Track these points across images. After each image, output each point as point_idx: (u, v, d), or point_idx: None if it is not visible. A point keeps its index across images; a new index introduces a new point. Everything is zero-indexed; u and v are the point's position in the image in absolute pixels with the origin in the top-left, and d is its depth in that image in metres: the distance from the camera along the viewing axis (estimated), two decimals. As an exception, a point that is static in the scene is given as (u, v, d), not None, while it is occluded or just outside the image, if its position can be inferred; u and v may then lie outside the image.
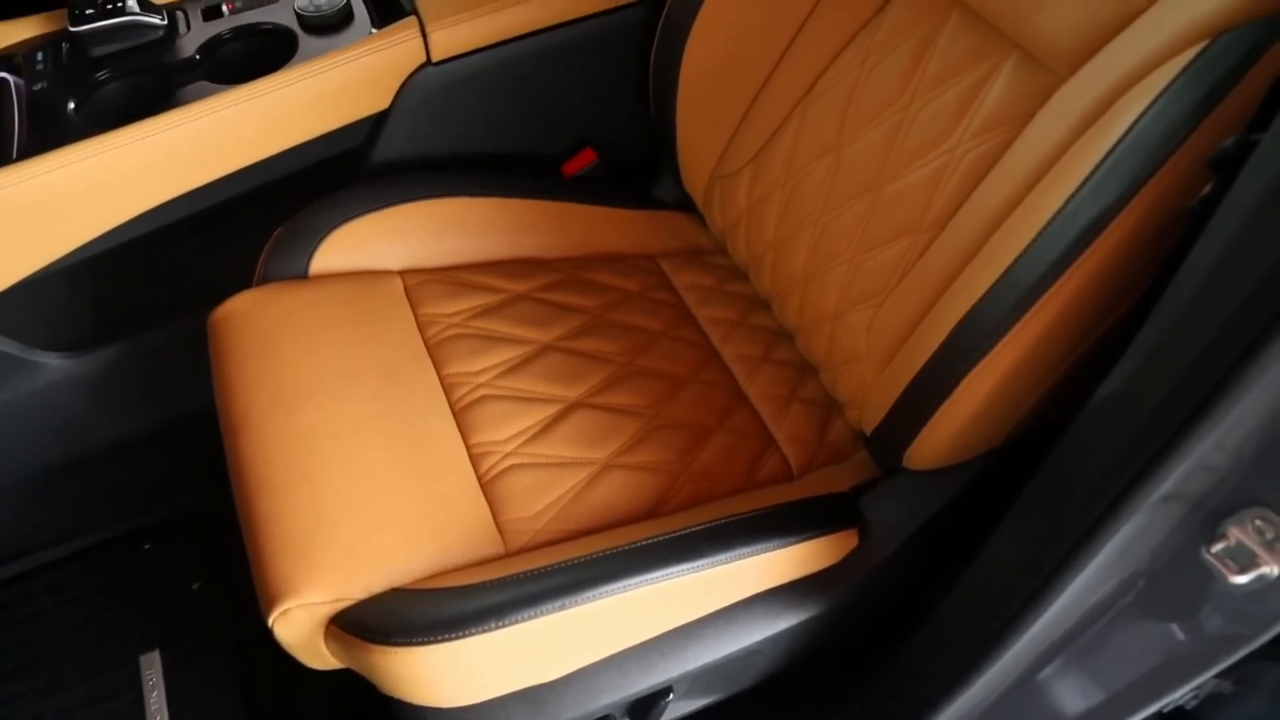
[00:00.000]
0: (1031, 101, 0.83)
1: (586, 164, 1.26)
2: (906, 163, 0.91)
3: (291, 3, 1.13)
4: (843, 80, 0.98)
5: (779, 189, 1.03)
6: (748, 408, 1.04)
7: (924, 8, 0.93)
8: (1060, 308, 0.73)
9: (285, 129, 1.07)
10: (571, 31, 1.14)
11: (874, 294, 0.92)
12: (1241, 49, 0.66)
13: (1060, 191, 0.72)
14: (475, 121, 1.18)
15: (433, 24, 1.08)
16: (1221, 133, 0.66)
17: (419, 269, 1.10)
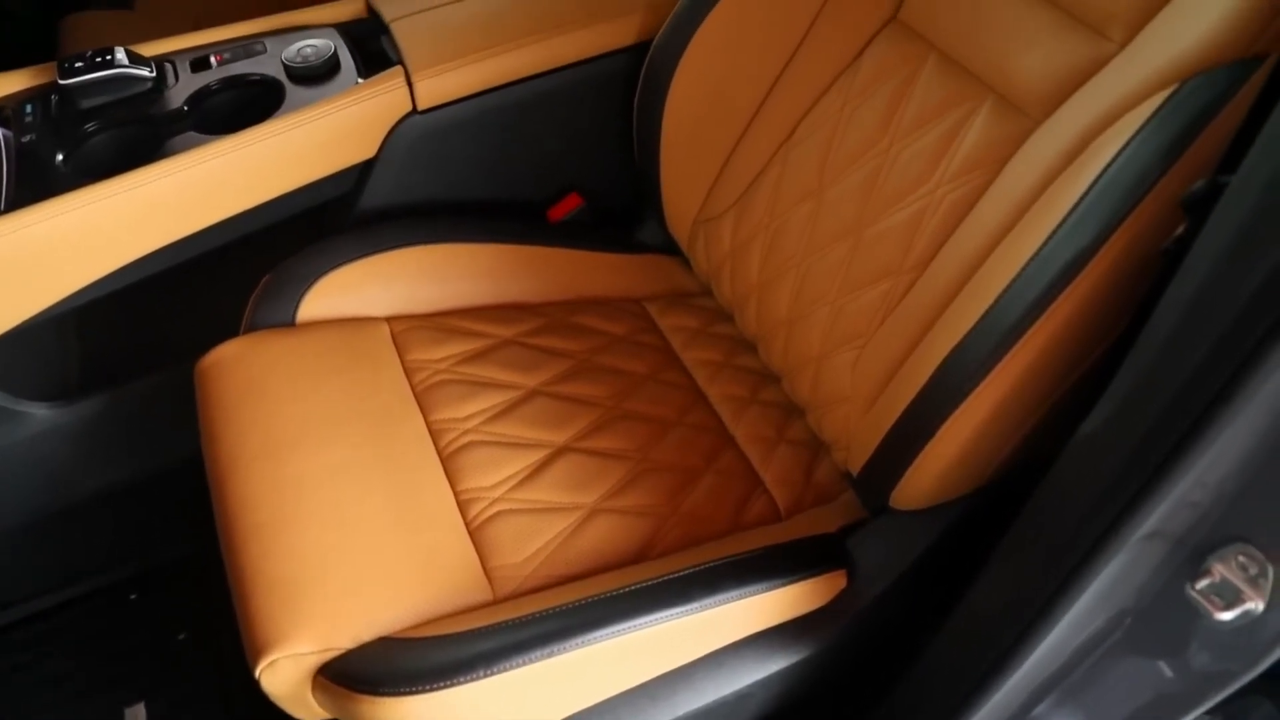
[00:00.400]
0: (1007, 145, 0.85)
1: (572, 209, 1.27)
2: (886, 206, 0.93)
3: (279, 54, 1.14)
4: (823, 125, 1.00)
5: (762, 232, 1.04)
6: (735, 449, 1.05)
7: (900, 54, 0.95)
8: (1040, 348, 0.73)
9: (272, 178, 1.08)
10: (555, 79, 1.16)
11: (857, 335, 0.93)
12: (1208, 94, 0.67)
13: (1037, 234, 0.73)
14: (461, 168, 1.19)
15: (418, 73, 1.09)
16: (1192, 175, 0.68)
17: (406, 315, 1.11)
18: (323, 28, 1.19)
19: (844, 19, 0.99)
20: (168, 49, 1.17)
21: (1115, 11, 0.78)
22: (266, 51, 1.16)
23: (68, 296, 1.04)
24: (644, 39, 1.16)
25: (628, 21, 1.16)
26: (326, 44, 1.13)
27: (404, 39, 1.12)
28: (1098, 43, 0.79)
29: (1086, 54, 0.80)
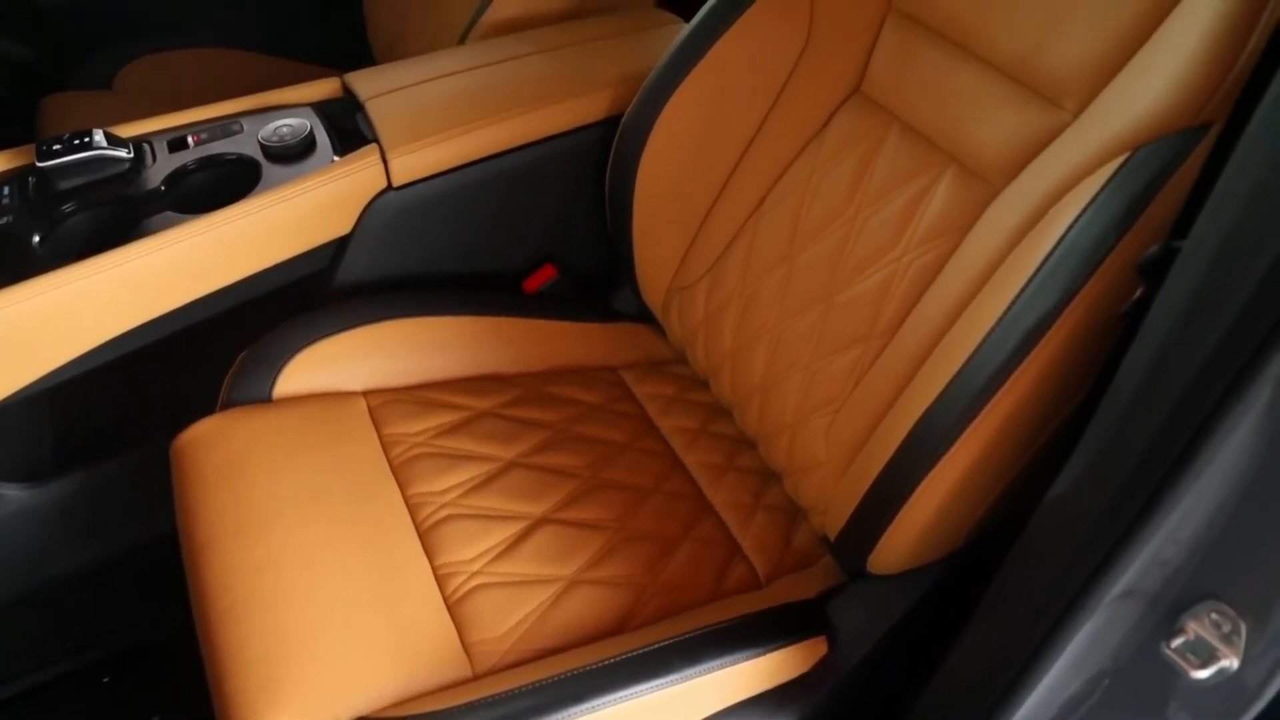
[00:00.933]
0: (971, 211, 0.87)
1: (547, 279, 1.28)
2: (856, 272, 0.94)
3: (255, 133, 1.15)
4: (791, 194, 1.02)
5: (735, 299, 1.06)
6: (713, 516, 1.05)
7: (865, 125, 0.98)
8: (1008, 411, 0.75)
9: (249, 256, 1.09)
10: (528, 154, 1.18)
11: (830, 401, 0.94)
12: (1158, 162, 0.70)
13: (1001, 299, 0.75)
14: (436, 242, 1.20)
15: (393, 151, 1.11)
16: (1147, 240, 0.69)
17: (383, 389, 1.11)
18: (299, 107, 1.21)
19: (809, 91, 1.02)
20: (146, 130, 1.18)
21: (1068, 83, 0.81)
22: (243, 131, 1.18)
23: (42, 377, 1.03)
24: (615, 113, 1.19)
25: (599, 96, 1.19)
26: (302, 123, 1.15)
27: (378, 117, 1.14)
28: (1053, 113, 0.82)
29: (1042, 124, 0.83)
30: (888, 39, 0.97)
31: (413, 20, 1.66)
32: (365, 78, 1.21)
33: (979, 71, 0.88)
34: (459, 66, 1.22)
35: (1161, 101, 0.71)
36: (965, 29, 0.89)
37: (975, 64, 0.89)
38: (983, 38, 0.88)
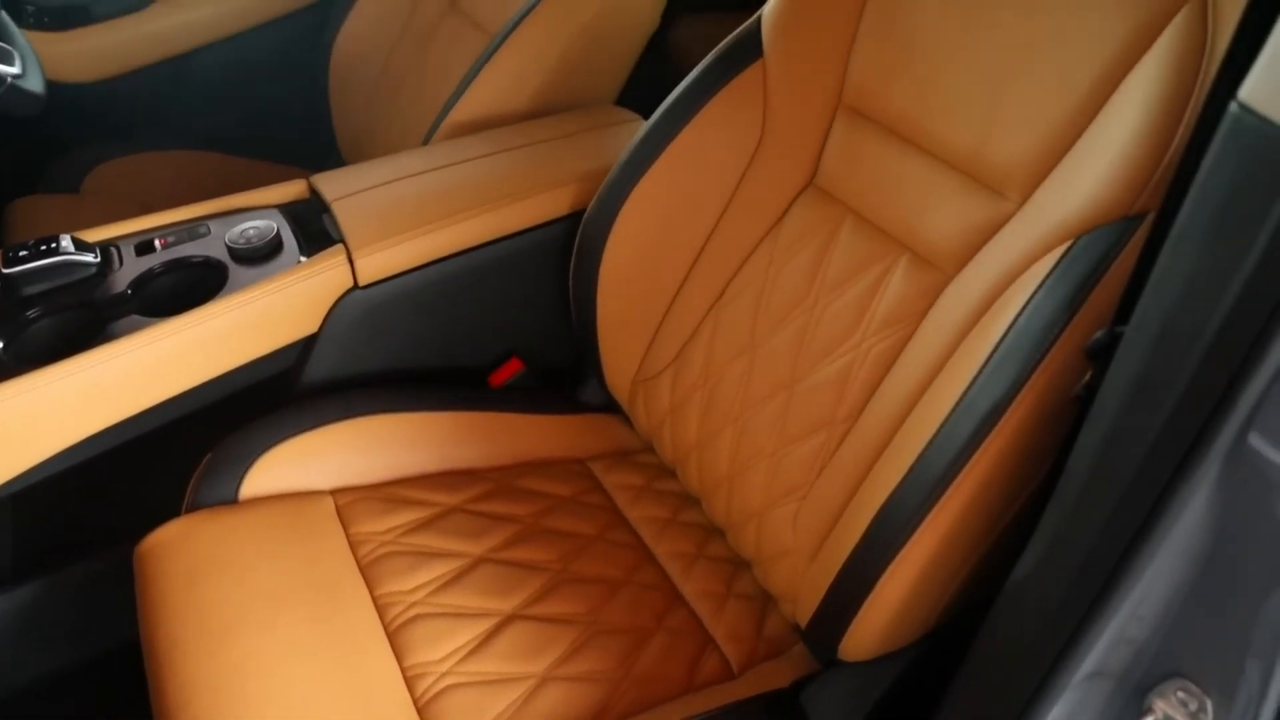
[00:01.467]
0: (925, 298, 0.89)
1: (513, 373, 1.29)
2: (816, 360, 0.96)
3: (223, 236, 1.17)
4: (751, 284, 1.05)
5: (699, 390, 1.07)
6: (684, 607, 1.04)
7: (820, 216, 1.01)
8: (968, 496, 0.76)
9: (215, 357, 1.09)
10: (493, 250, 1.20)
11: (796, 488, 0.95)
12: (1100, 249, 0.72)
13: (957, 384, 0.77)
14: (403, 339, 1.21)
15: (359, 250, 1.13)
16: (1093, 324, 0.72)
17: (350, 487, 1.10)
18: (266, 209, 1.23)
19: (765, 185, 1.05)
20: (113, 234, 1.19)
21: (1011, 175, 0.84)
22: (210, 234, 1.19)
23: (4, 483, 1.02)
24: (577, 209, 1.22)
25: (561, 193, 1.22)
26: (269, 224, 1.17)
27: (344, 217, 1.16)
28: (998, 203, 0.85)
29: (989, 213, 0.86)
30: (838, 134, 1.01)
31: (379, 120, 1.70)
32: (331, 179, 1.24)
33: (927, 164, 0.92)
34: (423, 166, 1.24)
35: (1099, 192, 0.74)
36: (911, 124, 0.93)
37: (923, 156, 0.92)
38: (928, 132, 0.91)
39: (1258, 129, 0.50)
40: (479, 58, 1.41)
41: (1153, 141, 0.72)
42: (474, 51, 1.50)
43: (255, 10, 1.86)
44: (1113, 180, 0.73)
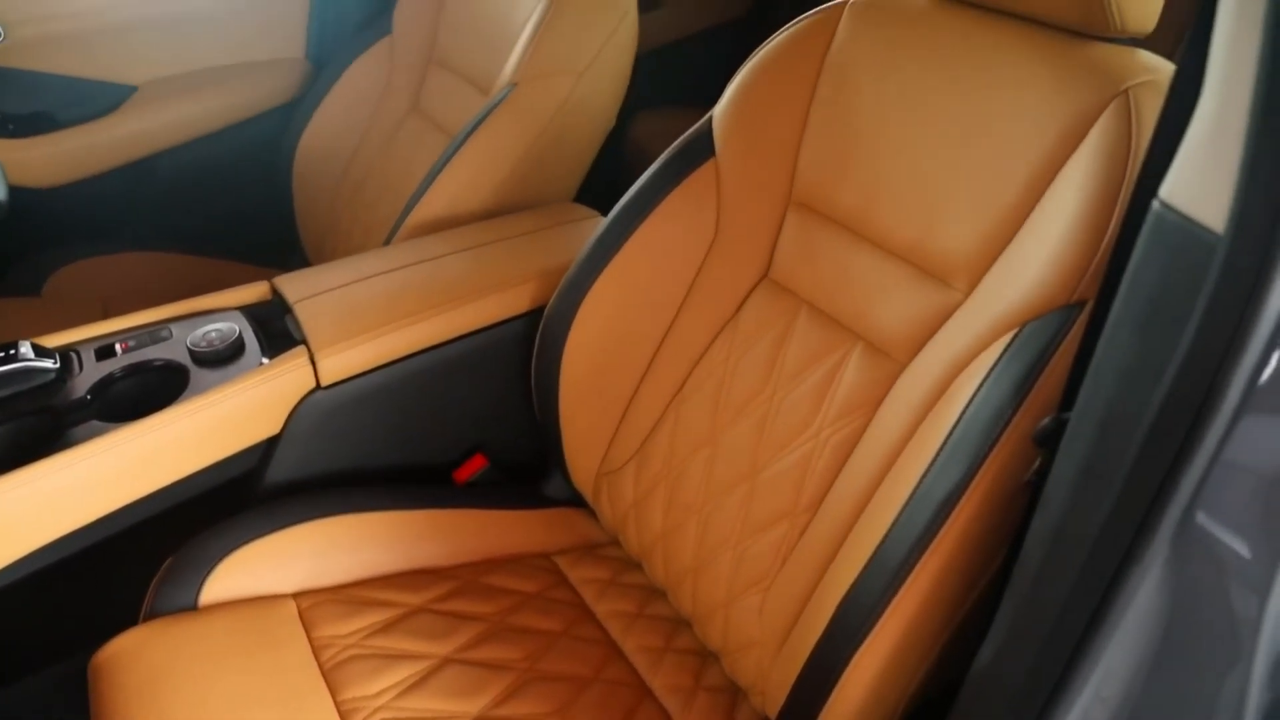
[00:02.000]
0: (879, 387, 0.91)
1: (477, 469, 1.29)
2: (777, 450, 0.97)
3: (185, 339, 1.17)
4: (711, 377, 1.06)
5: (662, 482, 1.08)
6: (654, 703, 1.03)
7: (775, 308, 1.03)
8: (929, 584, 0.77)
9: (176, 461, 1.08)
10: (455, 348, 1.21)
11: (761, 579, 0.95)
12: (1043, 337, 0.75)
13: (912, 473, 0.78)
14: (365, 438, 1.21)
15: (321, 351, 1.13)
16: (1041, 411, 0.74)
17: (314, 590, 1.09)
18: (228, 311, 1.24)
19: (721, 278, 1.07)
20: (73, 339, 1.19)
21: (957, 265, 0.87)
22: (172, 337, 1.19)
23: (-45, 597, 1.00)
24: (538, 305, 1.24)
25: (521, 290, 1.23)
26: (231, 327, 1.17)
27: (306, 318, 1.17)
28: (946, 293, 0.88)
29: (938, 303, 0.88)
30: (790, 228, 1.03)
31: (342, 220, 1.73)
32: (294, 280, 1.25)
33: (876, 256, 0.95)
34: (385, 266, 1.26)
35: (1040, 281, 0.77)
36: (860, 218, 0.96)
37: (872, 249, 0.95)
38: (876, 226, 0.94)
39: (1179, 226, 0.53)
40: (440, 158, 1.43)
41: (1088, 232, 0.75)
42: (435, 152, 1.53)
43: (218, 114, 1.89)
44: (1052, 270, 0.76)
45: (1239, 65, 0.49)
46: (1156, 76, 0.78)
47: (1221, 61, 0.51)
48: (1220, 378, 0.52)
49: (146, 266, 1.82)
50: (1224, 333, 0.51)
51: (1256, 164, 0.48)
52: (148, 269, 1.82)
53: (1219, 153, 0.50)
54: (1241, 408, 0.53)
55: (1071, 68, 0.81)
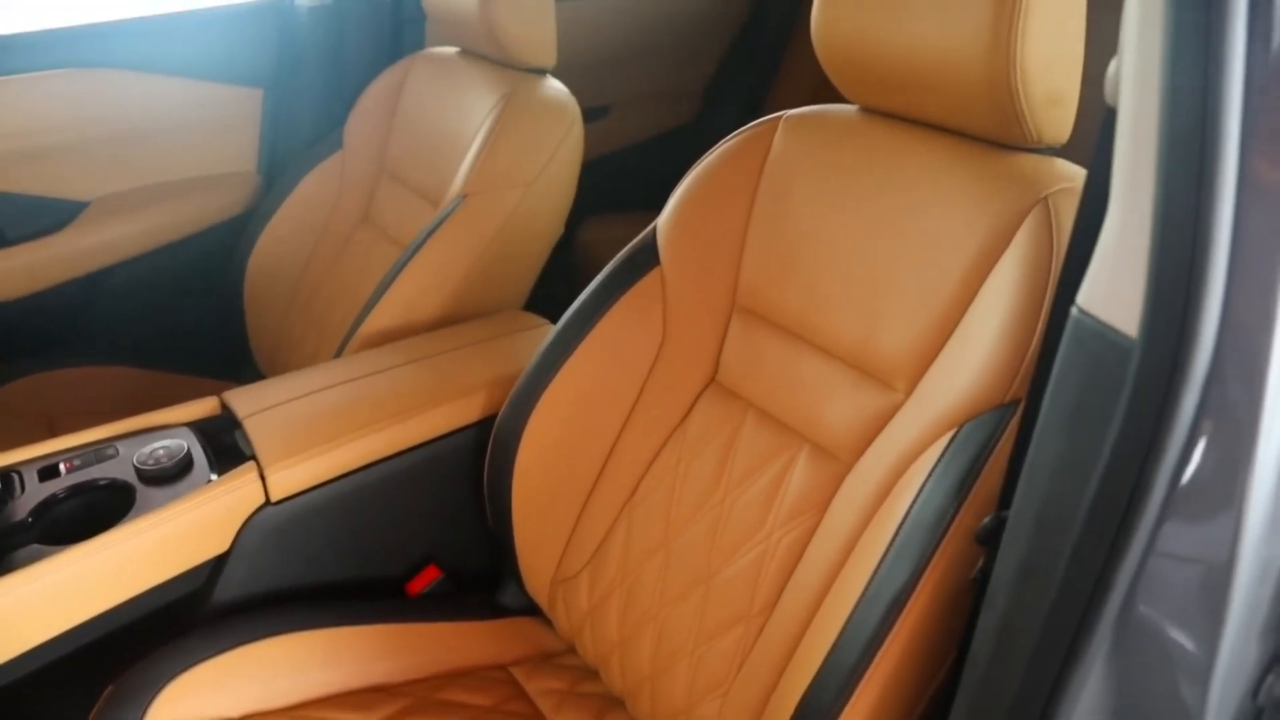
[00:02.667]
0: (827, 488, 0.92)
1: (430, 581, 1.28)
2: (729, 553, 0.98)
3: (131, 456, 1.16)
4: (662, 481, 1.07)
5: (617, 589, 1.07)
6: (614, 817, 1.01)
7: (724, 412, 1.05)
8: (882, 683, 0.77)
9: (119, 584, 1.06)
10: (406, 459, 1.21)
11: (718, 684, 0.95)
12: (981, 436, 0.77)
13: (862, 574, 0.79)
14: (316, 553, 1.20)
15: (270, 466, 1.12)
16: (982, 509, 0.75)
17: (262, 713, 1.06)
18: (177, 427, 1.23)
19: (670, 383, 1.09)
20: (15, 459, 1.17)
21: (897, 367, 0.89)
22: (119, 455, 1.18)
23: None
24: (489, 414, 1.24)
25: (472, 400, 1.24)
26: (179, 444, 1.16)
27: (256, 433, 1.16)
28: (888, 394, 0.90)
29: (881, 404, 0.90)
30: (735, 333, 1.06)
31: (294, 331, 1.73)
32: (243, 395, 1.24)
33: (820, 359, 0.97)
34: (336, 379, 1.26)
35: (975, 382, 0.79)
36: (802, 322, 0.99)
37: (816, 352, 0.98)
38: (818, 329, 0.97)
39: (1096, 331, 0.55)
40: (391, 269, 1.45)
41: (1016, 335, 0.77)
42: (387, 263, 1.55)
43: (170, 228, 1.90)
44: (986, 371, 0.78)
45: (1138, 180, 0.52)
46: (1074, 184, 0.82)
47: (1123, 176, 0.54)
48: (1145, 477, 0.54)
49: (95, 382, 1.80)
50: (1144, 434, 0.53)
51: (1161, 274, 0.51)
52: (96, 384, 1.80)
53: (1126, 262, 0.53)
54: (1167, 504, 0.54)
55: (994, 177, 0.85)
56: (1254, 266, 0.50)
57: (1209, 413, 0.52)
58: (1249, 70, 0.48)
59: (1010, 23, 0.78)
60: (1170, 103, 0.50)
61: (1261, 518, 0.54)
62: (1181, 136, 0.50)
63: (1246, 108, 0.48)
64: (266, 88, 1.91)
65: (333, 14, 1.87)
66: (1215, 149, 0.49)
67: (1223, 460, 0.52)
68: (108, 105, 1.75)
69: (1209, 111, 0.49)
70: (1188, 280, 0.51)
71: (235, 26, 1.87)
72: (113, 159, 1.82)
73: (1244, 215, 0.49)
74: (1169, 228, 0.51)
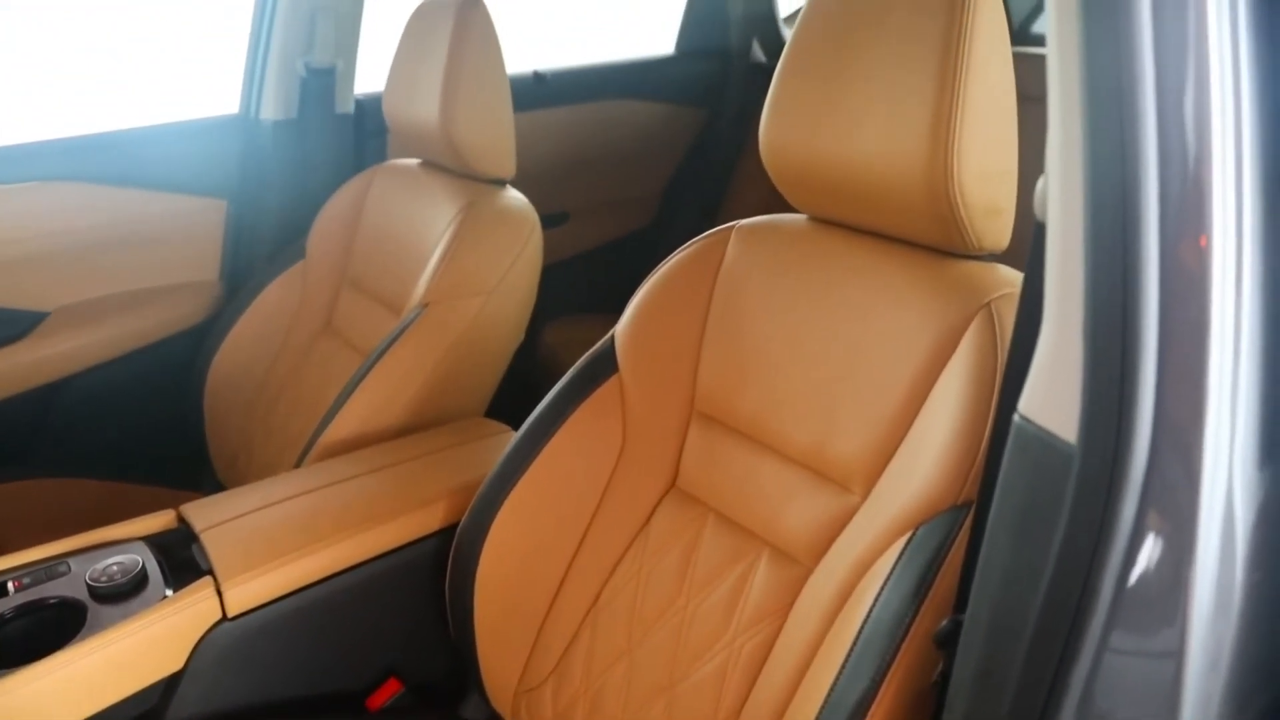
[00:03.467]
0: (789, 592, 0.93)
1: (391, 695, 1.25)
2: (693, 660, 0.97)
3: (84, 573, 1.13)
4: (625, 588, 1.06)
5: (582, 698, 1.06)
6: None
7: (684, 517, 1.05)
8: (848, 793, 0.76)
9: (68, 707, 1.03)
10: (367, 570, 1.19)
11: (685, 796, 0.93)
12: (936, 537, 0.78)
13: (825, 681, 0.79)
14: (274, 669, 1.17)
15: (227, 581, 1.10)
16: (939, 613, 0.76)
17: (214, 839, 1.03)
18: (131, 542, 1.20)
19: (630, 489, 1.09)
20: (-37, 580, 1.15)
21: (853, 471, 0.91)
22: (70, 572, 1.15)
23: None
24: (450, 523, 1.23)
25: (432, 509, 1.23)
26: (134, 559, 1.14)
27: (213, 547, 1.15)
28: (845, 497, 0.91)
29: (838, 506, 0.92)
30: (694, 438, 1.07)
31: (254, 440, 1.72)
32: (201, 508, 1.23)
33: (777, 463, 0.98)
34: (296, 490, 1.25)
35: (927, 485, 0.81)
36: (759, 427, 1.00)
37: (773, 456, 0.99)
38: (775, 434, 0.98)
39: (1038, 438, 0.57)
40: (353, 377, 1.46)
41: (965, 438, 0.79)
42: (348, 371, 1.56)
43: (130, 337, 1.90)
44: (938, 474, 0.80)
45: (1068, 291, 0.55)
46: (1015, 289, 0.85)
47: (1054, 288, 0.57)
48: (1092, 580, 0.55)
49: (49, 495, 1.77)
50: (1089, 538, 0.54)
51: (1095, 381, 0.53)
52: (50, 497, 1.77)
53: (1062, 370, 0.55)
54: (1116, 605, 0.55)
55: (939, 285, 0.88)
56: (1182, 363, 0.52)
57: (1150, 512, 0.53)
58: (1163, 186, 0.51)
59: (946, 139, 0.81)
60: (1093, 218, 0.53)
61: (1207, 611, 0.55)
62: (1105, 248, 0.52)
63: (1163, 218, 0.51)
64: (230, 198, 1.93)
65: (297, 127, 1.91)
66: (1137, 258, 0.51)
67: (1166, 556, 0.54)
68: (71, 217, 1.76)
69: (1128, 225, 0.51)
70: (1120, 386, 0.53)
71: (200, 139, 1.90)
72: (74, 269, 1.82)
73: (1168, 314, 0.51)
74: (1099, 335, 0.53)
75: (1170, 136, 0.50)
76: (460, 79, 1.48)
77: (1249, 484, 0.54)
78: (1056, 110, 0.55)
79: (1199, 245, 0.50)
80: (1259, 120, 0.51)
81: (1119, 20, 0.50)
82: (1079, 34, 0.52)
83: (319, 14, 1.85)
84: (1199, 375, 0.52)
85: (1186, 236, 0.51)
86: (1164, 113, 0.50)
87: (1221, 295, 0.51)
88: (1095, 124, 0.52)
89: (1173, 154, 0.51)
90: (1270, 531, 0.55)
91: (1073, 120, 0.54)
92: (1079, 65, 0.53)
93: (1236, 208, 0.51)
